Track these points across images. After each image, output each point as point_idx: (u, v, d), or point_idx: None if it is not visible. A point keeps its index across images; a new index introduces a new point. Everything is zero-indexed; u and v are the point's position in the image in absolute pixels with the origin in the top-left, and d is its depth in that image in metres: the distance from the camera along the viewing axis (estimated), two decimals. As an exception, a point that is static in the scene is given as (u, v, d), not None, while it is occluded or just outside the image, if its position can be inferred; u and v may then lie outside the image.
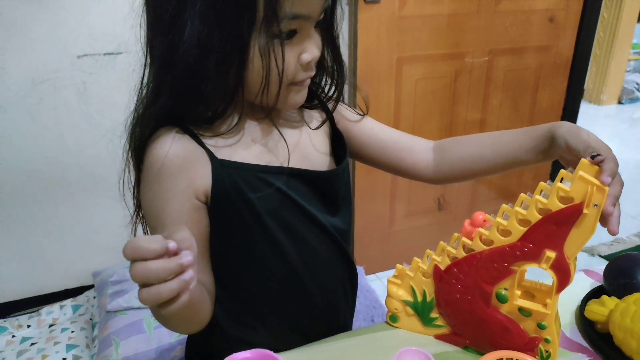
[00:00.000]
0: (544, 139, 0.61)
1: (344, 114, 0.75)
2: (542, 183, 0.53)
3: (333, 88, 0.68)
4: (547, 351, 0.60)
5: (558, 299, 0.57)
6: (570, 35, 1.90)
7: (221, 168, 0.58)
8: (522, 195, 0.54)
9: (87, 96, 1.47)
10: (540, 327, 0.59)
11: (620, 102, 4.33)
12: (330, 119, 0.72)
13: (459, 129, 1.88)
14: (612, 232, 0.51)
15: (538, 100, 1.97)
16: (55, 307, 1.61)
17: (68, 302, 1.63)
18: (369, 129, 0.75)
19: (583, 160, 0.50)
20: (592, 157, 0.49)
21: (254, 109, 0.62)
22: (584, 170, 0.50)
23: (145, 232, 0.64)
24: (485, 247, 0.57)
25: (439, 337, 0.67)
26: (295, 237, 0.65)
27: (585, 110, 2.12)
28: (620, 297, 0.65)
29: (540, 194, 0.53)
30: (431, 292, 0.64)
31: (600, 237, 0.52)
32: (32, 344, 1.46)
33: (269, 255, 0.64)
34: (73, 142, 1.52)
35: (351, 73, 1.71)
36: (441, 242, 0.62)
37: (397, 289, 0.67)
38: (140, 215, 0.64)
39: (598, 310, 0.65)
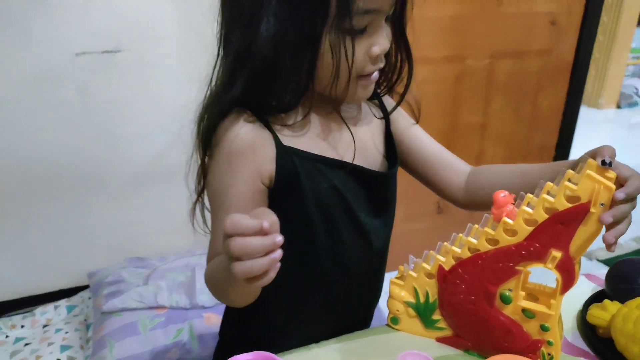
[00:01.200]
0: None
1: (397, 116, 0.74)
2: (548, 183, 0.52)
3: (398, 82, 0.68)
4: (549, 354, 0.59)
5: (562, 300, 0.56)
6: (571, 39, 1.90)
7: (285, 154, 0.60)
8: (529, 195, 0.53)
9: (86, 95, 1.46)
10: (544, 329, 0.58)
11: (618, 107, 4.34)
12: (386, 118, 0.72)
13: (461, 132, 1.87)
14: (606, 240, 0.51)
15: (538, 104, 1.97)
16: (50, 307, 1.59)
17: (62, 303, 1.61)
18: (416, 138, 0.75)
19: (590, 160, 0.50)
20: (602, 162, 0.49)
21: (322, 102, 0.63)
22: (592, 169, 0.49)
23: (204, 218, 0.66)
24: (490, 247, 0.56)
25: (440, 339, 0.66)
26: (333, 233, 0.66)
27: (584, 114, 2.11)
28: (622, 301, 0.65)
29: (546, 194, 0.52)
30: (434, 293, 0.63)
31: (598, 241, 0.51)
32: (26, 344, 1.44)
33: (303, 246, 0.65)
34: (70, 141, 1.50)
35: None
36: (445, 243, 0.61)
37: (399, 289, 0.66)
38: (202, 200, 0.67)
39: (600, 315, 0.65)
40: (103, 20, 1.40)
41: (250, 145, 0.60)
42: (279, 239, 0.44)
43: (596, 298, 0.71)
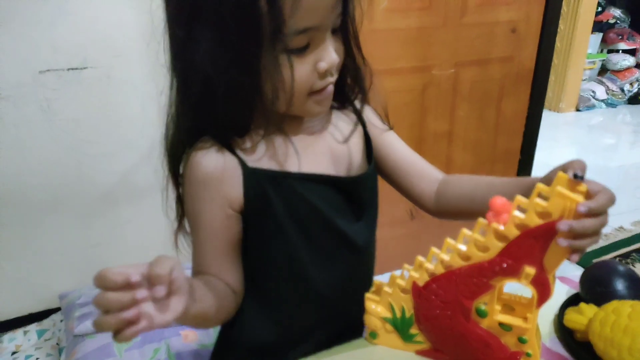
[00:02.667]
0: (531, 189, 0.60)
1: (372, 119, 0.74)
2: (518, 197, 0.52)
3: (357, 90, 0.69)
4: (528, 364, 0.60)
5: (538, 313, 0.57)
6: (531, 46, 1.96)
7: (252, 176, 0.61)
8: (500, 211, 0.54)
9: (51, 113, 1.42)
10: (521, 341, 0.59)
11: (578, 110, 4.50)
12: (362, 122, 0.72)
13: (429, 140, 1.91)
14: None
15: (502, 109, 2.02)
16: (19, 332, 1.53)
17: (32, 327, 1.55)
18: (390, 144, 0.74)
19: (561, 174, 0.49)
20: (575, 175, 0.48)
21: (283, 118, 0.62)
22: (562, 185, 0.49)
23: (187, 243, 0.69)
24: (463, 263, 0.57)
25: (419, 353, 0.66)
26: (313, 246, 0.66)
27: (545, 118, 2.18)
28: (598, 305, 0.65)
29: (517, 209, 0.52)
30: (410, 308, 0.63)
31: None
32: (-6, 373, 1.39)
33: (285, 264, 0.67)
34: (36, 161, 1.45)
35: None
36: (418, 257, 0.60)
37: (375, 305, 0.65)
38: (182, 225, 0.68)
39: (577, 319, 0.65)
40: (68, 36, 1.37)
41: (214, 173, 0.60)
42: (140, 295, 0.41)
43: (572, 301, 0.71)
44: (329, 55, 0.57)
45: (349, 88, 0.69)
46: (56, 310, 1.61)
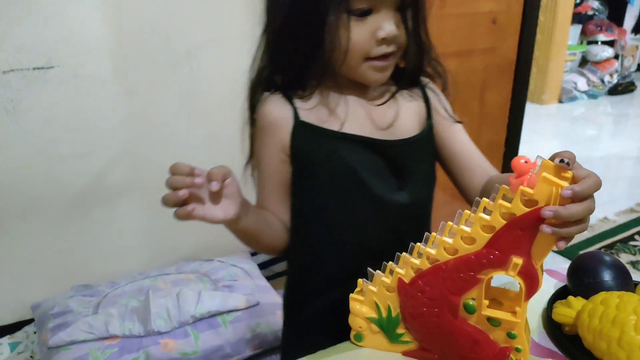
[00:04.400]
0: None
1: (437, 106, 0.75)
2: (504, 186, 0.50)
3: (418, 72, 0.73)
4: (518, 360, 0.58)
5: (527, 306, 0.55)
6: (512, 37, 1.96)
7: (300, 128, 0.68)
8: (484, 200, 0.51)
9: (16, 114, 1.36)
10: (510, 336, 0.56)
11: (560, 101, 4.54)
12: (427, 104, 0.75)
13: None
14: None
15: (486, 101, 2.01)
16: (-10, 346, 1.47)
17: (4, 340, 1.48)
18: (452, 133, 0.76)
19: (545, 161, 0.48)
20: (561, 160, 0.46)
21: (344, 82, 0.69)
22: (547, 171, 0.47)
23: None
24: (450, 257, 0.54)
25: (406, 353, 0.64)
26: (345, 206, 0.70)
27: (528, 110, 2.18)
28: (585, 297, 0.64)
29: (502, 198, 0.50)
30: (396, 307, 0.61)
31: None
32: (-36, 390, 1.32)
33: (315, 216, 0.72)
34: (1, 164, 1.39)
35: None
36: (403, 254, 0.58)
37: (360, 305, 0.63)
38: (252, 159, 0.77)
39: (565, 312, 0.64)
40: (32, 35, 1.31)
41: (273, 121, 0.69)
42: (197, 181, 0.54)
43: (560, 295, 0.71)
44: (387, 25, 0.62)
45: (415, 68, 0.72)
46: (29, 321, 1.54)
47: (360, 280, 0.64)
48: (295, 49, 0.65)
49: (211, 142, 1.62)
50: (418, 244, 0.57)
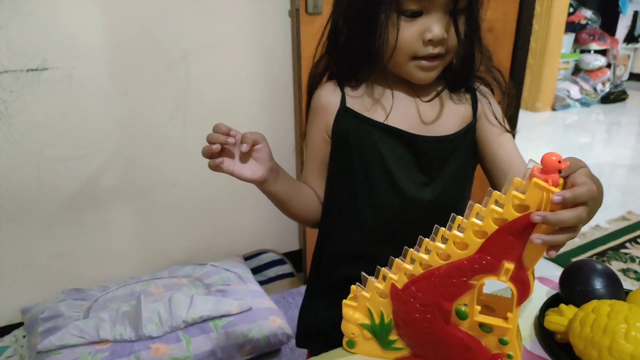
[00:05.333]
0: None
1: (487, 112, 0.76)
2: (495, 192, 0.50)
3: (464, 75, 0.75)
4: (510, 367, 0.57)
5: (519, 312, 0.55)
6: (507, 45, 1.97)
7: (343, 113, 0.74)
8: (477, 205, 0.51)
9: (8, 116, 1.35)
10: (502, 342, 0.56)
11: (553, 109, 4.57)
12: (474, 107, 0.76)
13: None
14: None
15: (480, 109, 2.02)
16: (-22, 350, 1.45)
17: (-7, 344, 1.47)
18: (499, 141, 0.75)
19: (536, 166, 0.48)
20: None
21: (385, 72, 0.73)
22: (538, 176, 0.47)
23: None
24: (442, 262, 0.54)
25: None
26: (372, 191, 0.74)
27: (522, 117, 2.21)
28: (577, 305, 0.64)
29: (494, 204, 0.50)
30: (389, 313, 0.60)
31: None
32: (-49, 395, 1.30)
33: (346, 195, 0.77)
34: (-8, 168, 1.38)
35: (296, 85, 1.68)
36: (397, 259, 0.58)
37: (352, 312, 0.62)
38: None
39: (557, 320, 0.64)
40: (25, 37, 1.31)
41: (323, 104, 0.76)
42: (230, 140, 0.63)
43: (552, 302, 0.71)
44: (436, 28, 0.65)
45: (464, 72, 0.74)
46: (18, 325, 1.53)
47: (353, 287, 0.63)
48: (350, 41, 0.71)
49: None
50: (411, 249, 0.57)
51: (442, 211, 0.74)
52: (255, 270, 1.81)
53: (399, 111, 0.73)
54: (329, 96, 0.76)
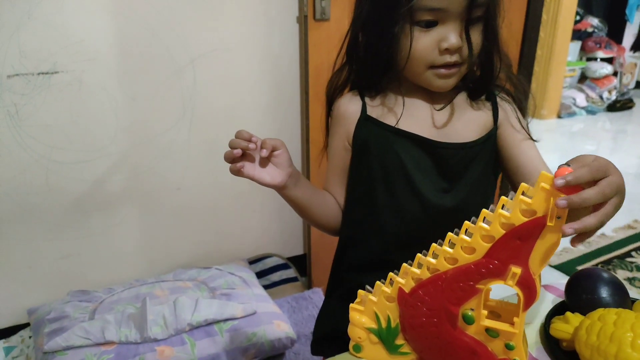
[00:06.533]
0: None
1: (510, 119, 0.76)
2: (503, 197, 0.51)
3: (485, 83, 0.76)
4: (516, 372, 0.57)
5: (525, 317, 0.55)
6: (513, 52, 1.97)
7: (364, 121, 0.76)
8: (484, 210, 0.52)
9: (19, 119, 1.36)
10: (509, 347, 0.56)
11: (559, 117, 4.56)
12: (495, 114, 0.76)
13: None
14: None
15: (486, 115, 2.02)
16: (-16, 351, 1.46)
17: (-1, 344, 1.48)
18: (520, 147, 0.75)
19: (543, 172, 0.48)
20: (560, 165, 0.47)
21: (412, 86, 0.74)
22: (545, 181, 0.48)
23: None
24: (449, 266, 0.54)
25: (404, 364, 0.63)
26: (392, 196, 0.75)
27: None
28: (583, 313, 0.64)
29: (502, 208, 0.51)
30: (396, 317, 0.60)
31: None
32: (-43, 395, 1.31)
33: (366, 201, 0.77)
34: (2, 169, 1.40)
35: (302, 91, 1.69)
36: (404, 264, 0.58)
37: (359, 316, 0.62)
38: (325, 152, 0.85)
39: (563, 328, 0.64)
40: (37, 40, 1.32)
41: (344, 113, 0.78)
42: (251, 145, 0.65)
43: (558, 310, 0.71)
44: (452, 37, 0.66)
45: (483, 80, 0.75)
46: (25, 326, 1.54)
47: (360, 291, 0.64)
48: (368, 52, 0.72)
49: (212, 150, 1.63)
50: (419, 254, 0.57)
51: (464, 218, 0.75)
52: (260, 275, 1.82)
53: (419, 118, 0.75)
54: (350, 105, 0.77)
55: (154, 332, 1.32)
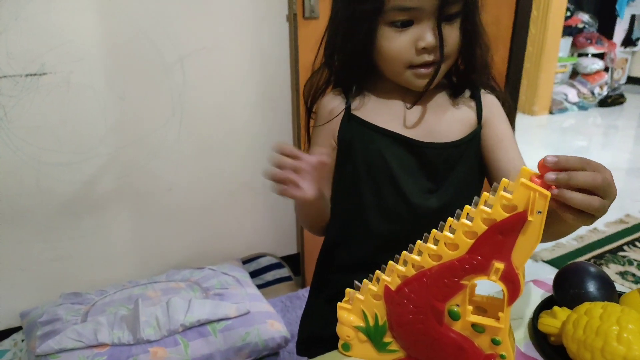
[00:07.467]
0: None
1: (492, 119, 0.76)
2: (485, 193, 0.51)
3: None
4: (503, 367, 0.58)
5: (510, 311, 0.55)
6: (503, 50, 1.98)
7: (348, 119, 0.76)
8: (467, 207, 0.52)
9: (7, 121, 1.36)
10: (495, 342, 0.57)
11: (551, 113, 4.58)
12: (479, 113, 0.76)
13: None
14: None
15: (477, 112, 2.02)
16: (-23, 355, 1.45)
17: (-8, 348, 1.47)
18: (501, 147, 0.75)
19: (524, 167, 0.49)
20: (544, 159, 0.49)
21: (389, 83, 0.74)
22: (525, 176, 0.49)
23: None
24: (434, 263, 0.55)
25: (393, 361, 0.64)
26: (376, 193, 0.75)
27: (519, 121, 2.22)
28: (570, 307, 0.65)
29: (484, 204, 0.51)
30: (383, 315, 0.61)
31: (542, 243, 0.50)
32: (-51, 399, 1.30)
33: (351, 201, 0.77)
34: (-10, 172, 1.39)
35: (293, 89, 1.69)
36: (390, 261, 0.59)
37: (347, 314, 0.63)
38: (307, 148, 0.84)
39: (551, 322, 0.64)
40: (24, 42, 1.31)
41: (329, 111, 0.77)
42: (300, 165, 0.61)
43: (546, 305, 0.71)
44: (426, 36, 0.65)
45: (461, 78, 0.76)
46: (17, 329, 1.53)
47: (348, 290, 0.64)
48: (345, 53, 0.72)
49: (202, 148, 1.62)
50: (404, 252, 0.58)
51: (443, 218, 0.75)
52: (253, 274, 1.82)
53: (401, 118, 0.74)
54: (334, 103, 0.77)
55: (147, 333, 1.32)
